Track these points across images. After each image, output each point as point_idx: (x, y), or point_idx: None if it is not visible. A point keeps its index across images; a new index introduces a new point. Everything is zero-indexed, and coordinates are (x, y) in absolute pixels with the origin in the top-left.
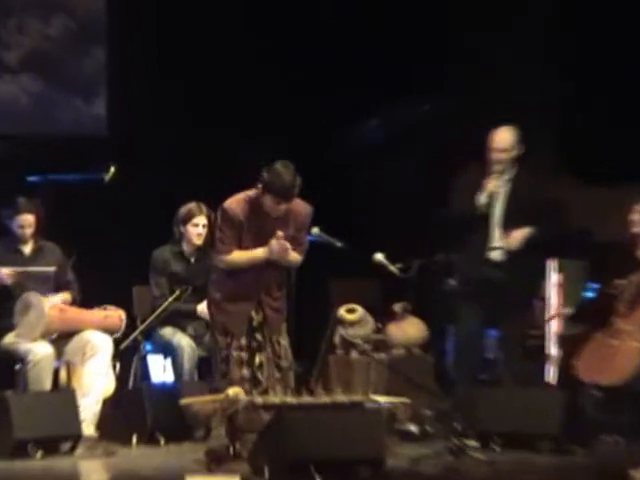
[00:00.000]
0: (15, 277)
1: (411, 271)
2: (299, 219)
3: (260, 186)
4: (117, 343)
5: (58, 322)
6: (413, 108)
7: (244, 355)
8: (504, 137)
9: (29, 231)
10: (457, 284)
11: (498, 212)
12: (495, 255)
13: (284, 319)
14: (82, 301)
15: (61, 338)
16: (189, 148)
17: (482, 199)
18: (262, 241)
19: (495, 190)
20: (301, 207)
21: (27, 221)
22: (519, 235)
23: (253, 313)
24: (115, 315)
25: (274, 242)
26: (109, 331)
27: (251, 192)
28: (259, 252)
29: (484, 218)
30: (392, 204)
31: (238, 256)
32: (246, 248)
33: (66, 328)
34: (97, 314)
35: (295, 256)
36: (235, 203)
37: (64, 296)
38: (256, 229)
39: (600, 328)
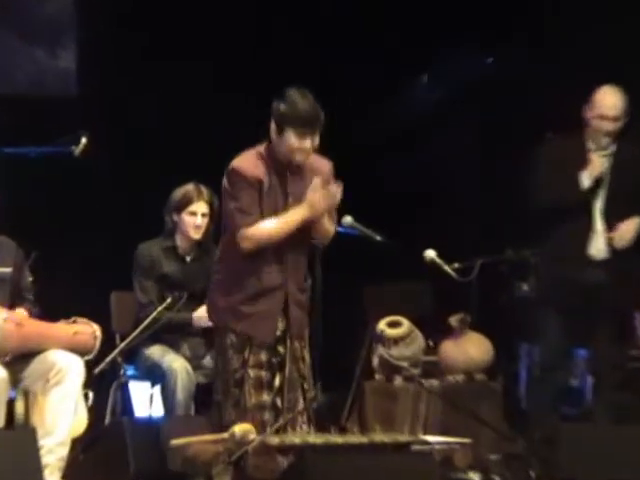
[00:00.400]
0: None
1: (472, 273)
2: (321, 176)
3: (274, 124)
4: (90, 366)
5: (14, 339)
6: (472, 62)
7: (264, 374)
8: (615, 101)
9: None
10: (533, 289)
11: (602, 198)
12: (598, 252)
13: (307, 323)
14: (45, 312)
15: (18, 360)
16: (183, 112)
17: (586, 181)
18: (282, 209)
19: (602, 170)
20: (320, 162)
21: None
22: (630, 228)
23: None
24: (87, 330)
25: (312, 192)
26: (80, 351)
27: (259, 147)
28: (296, 213)
29: (586, 205)
30: (445, 188)
31: (268, 226)
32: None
33: (24, 347)
34: (64, 329)
35: (329, 226)
36: (247, 161)
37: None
38: (274, 193)
39: None
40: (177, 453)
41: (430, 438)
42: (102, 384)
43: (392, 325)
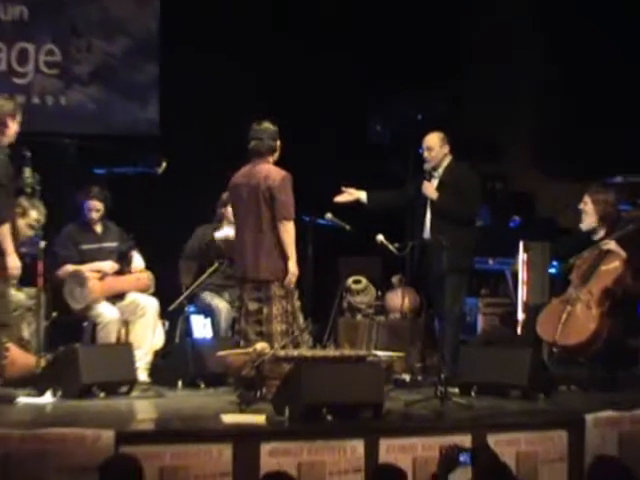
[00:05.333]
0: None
1: (406, 250)
2: None
3: (278, 143)
4: (167, 305)
5: (99, 290)
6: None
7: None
8: (426, 138)
9: (97, 215)
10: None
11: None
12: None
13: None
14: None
15: (114, 299)
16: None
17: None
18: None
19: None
20: None
21: (96, 206)
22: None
23: None
24: (144, 276)
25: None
26: (143, 290)
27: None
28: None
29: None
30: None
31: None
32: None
33: (108, 293)
34: (129, 278)
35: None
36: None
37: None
38: None
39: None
40: (220, 361)
41: (379, 353)
42: (174, 317)
43: (355, 282)
